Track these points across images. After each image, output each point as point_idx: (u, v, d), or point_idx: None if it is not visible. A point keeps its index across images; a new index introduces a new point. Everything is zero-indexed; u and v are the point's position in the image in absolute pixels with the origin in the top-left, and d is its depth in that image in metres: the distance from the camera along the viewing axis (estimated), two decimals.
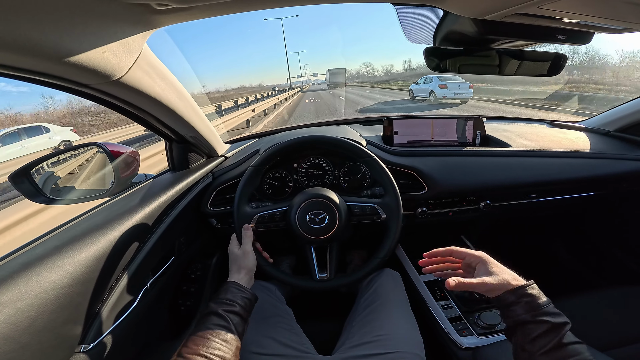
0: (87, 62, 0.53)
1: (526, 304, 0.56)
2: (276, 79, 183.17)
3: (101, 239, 0.66)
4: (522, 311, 0.56)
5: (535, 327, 0.53)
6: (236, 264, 0.83)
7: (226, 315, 0.67)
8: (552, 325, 0.52)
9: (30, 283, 0.51)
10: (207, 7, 0.58)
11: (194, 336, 0.61)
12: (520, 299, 0.57)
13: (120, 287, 0.72)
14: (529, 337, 0.53)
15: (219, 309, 0.68)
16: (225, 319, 0.66)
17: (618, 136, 1.37)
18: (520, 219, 1.66)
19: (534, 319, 0.54)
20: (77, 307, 0.60)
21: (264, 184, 1.14)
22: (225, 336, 0.63)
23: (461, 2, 0.63)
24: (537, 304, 0.55)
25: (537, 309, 0.55)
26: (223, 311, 0.67)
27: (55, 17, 0.45)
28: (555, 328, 0.52)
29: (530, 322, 0.54)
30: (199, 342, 0.59)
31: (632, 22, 0.65)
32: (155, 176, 1.06)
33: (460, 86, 13.31)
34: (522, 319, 0.55)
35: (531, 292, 0.57)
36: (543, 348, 0.51)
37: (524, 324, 0.55)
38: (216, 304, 0.69)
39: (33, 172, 0.82)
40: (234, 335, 0.64)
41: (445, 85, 13.40)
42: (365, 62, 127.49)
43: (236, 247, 0.87)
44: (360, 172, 1.16)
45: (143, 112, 0.82)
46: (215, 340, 0.61)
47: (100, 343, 0.64)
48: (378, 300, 0.93)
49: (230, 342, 0.62)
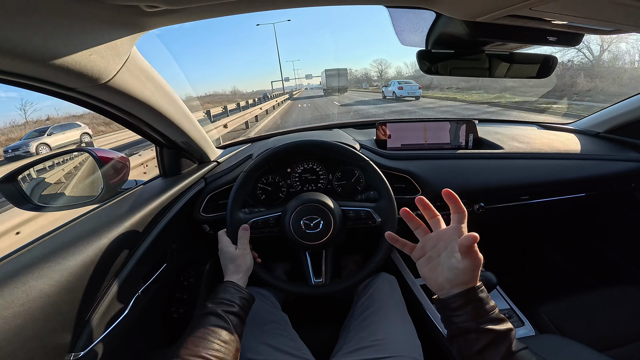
0: (73, 65, 0.51)
1: (473, 309, 0.51)
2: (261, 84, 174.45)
3: (90, 246, 0.65)
4: (466, 318, 0.51)
5: (478, 336, 0.49)
6: (233, 264, 0.81)
7: (225, 316, 0.65)
8: (497, 334, 0.48)
9: (16, 292, 0.50)
10: (198, 10, 0.57)
11: (193, 337, 0.59)
12: (468, 304, 0.51)
13: (111, 295, 0.70)
14: (473, 348, 0.49)
15: (218, 309, 0.66)
16: (225, 320, 0.64)
17: (607, 137, 1.39)
18: (514, 220, 1.67)
19: (477, 327, 0.49)
20: (66, 315, 0.58)
21: (257, 189, 1.13)
22: (225, 337, 0.61)
23: (453, 4, 0.63)
24: (484, 309, 0.50)
25: (483, 316, 0.50)
26: (222, 312, 0.66)
27: (39, 19, 0.44)
28: (500, 336, 0.48)
29: (473, 331, 0.49)
30: (199, 343, 0.58)
31: (621, 24, 0.65)
32: (145, 182, 1.04)
33: (412, 87, 20.83)
34: (466, 327, 0.50)
35: (480, 296, 0.51)
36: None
37: (466, 332, 0.50)
38: (214, 304, 0.68)
39: (19, 179, 0.80)
40: (234, 337, 0.63)
41: (401, 87, 21.08)
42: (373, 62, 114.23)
43: (232, 246, 0.85)
44: (355, 177, 1.16)
45: (132, 116, 0.80)
46: (215, 341, 0.59)
47: (90, 351, 0.63)
48: (374, 305, 0.92)
49: (230, 344, 0.61)
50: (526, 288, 1.23)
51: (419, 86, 20.71)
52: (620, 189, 1.33)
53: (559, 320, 0.99)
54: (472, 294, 0.51)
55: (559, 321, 0.99)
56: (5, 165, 11.11)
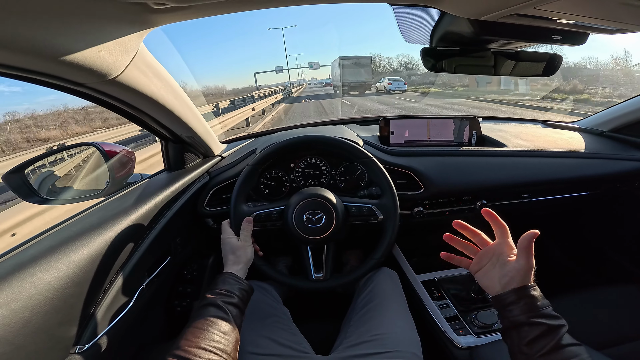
0: (82, 61, 0.52)
1: (525, 305, 0.55)
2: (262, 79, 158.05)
3: (96, 239, 0.65)
4: (519, 312, 0.55)
5: (530, 329, 0.53)
6: (234, 255, 0.81)
7: (225, 307, 0.65)
8: (548, 327, 0.52)
9: (24, 284, 0.50)
10: (205, 6, 0.58)
11: (192, 328, 0.59)
12: (520, 299, 0.56)
13: (116, 288, 0.71)
14: (525, 339, 0.53)
15: (217, 300, 0.66)
16: (225, 311, 0.65)
17: (612, 136, 1.38)
18: (515, 218, 1.66)
19: (529, 321, 0.53)
20: (72, 308, 0.59)
21: (260, 183, 1.14)
22: (225, 328, 0.62)
23: (458, 2, 0.64)
24: (536, 305, 0.55)
25: (534, 311, 0.54)
26: (222, 302, 0.66)
27: (50, 16, 0.44)
28: (551, 330, 0.52)
29: (526, 324, 0.54)
30: (199, 335, 0.58)
31: (627, 23, 0.65)
32: (150, 176, 1.05)
33: (399, 82, 25.47)
34: (518, 320, 0.55)
35: (532, 294, 0.56)
36: (541, 350, 0.51)
37: (519, 325, 0.55)
38: (214, 294, 0.68)
39: (27, 172, 0.81)
40: (233, 327, 0.63)
41: (390, 82, 25.18)
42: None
43: (234, 237, 0.85)
44: (357, 172, 1.16)
45: (139, 111, 0.81)
46: (215, 332, 0.60)
47: (95, 344, 0.64)
48: (375, 300, 0.93)
49: (230, 335, 0.61)
50: None
51: (404, 82, 26.48)
52: (623, 188, 1.33)
53: None
54: (525, 291, 0.56)
55: None
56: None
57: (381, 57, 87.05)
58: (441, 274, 1.19)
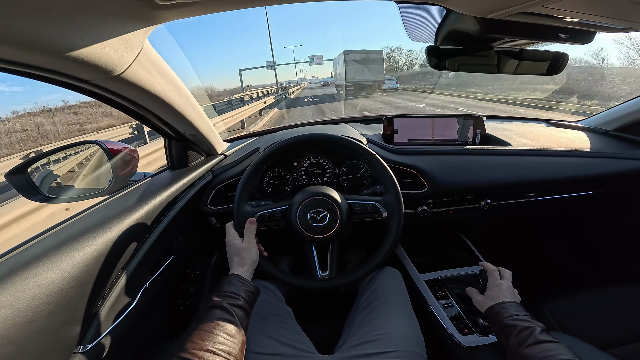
0: (87, 58, 0.52)
1: (503, 312, 0.74)
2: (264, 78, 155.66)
3: (99, 238, 0.65)
4: (500, 318, 0.73)
5: (509, 330, 0.69)
6: (239, 256, 0.81)
7: (231, 309, 0.65)
8: (522, 327, 0.67)
9: (28, 283, 0.50)
10: (210, 3, 0.57)
11: (199, 330, 0.59)
12: (501, 310, 0.74)
13: (119, 287, 0.71)
14: (508, 338, 0.68)
15: (223, 302, 0.66)
16: (231, 313, 0.64)
17: (616, 135, 1.38)
18: (519, 217, 1.66)
19: (506, 323, 0.71)
20: (76, 307, 0.59)
21: (263, 182, 1.14)
22: (231, 330, 0.61)
23: (465, 0, 0.63)
24: (510, 313, 0.72)
25: (510, 316, 0.71)
26: (228, 305, 0.66)
27: (55, 12, 0.44)
28: (525, 329, 0.66)
29: (506, 327, 0.70)
30: (205, 337, 0.58)
31: (634, 21, 0.65)
32: (153, 174, 1.05)
33: (391, 81, 29.10)
34: (502, 323, 0.71)
35: (507, 306, 0.75)
36: (523, 344, 0.64)
37: (502, 328, 0.71)
38: (220, 297, 0.67)
39: (31, 170, 0.81)
40: (239, 330, 0.63)
41: (384, 82, 27.32)
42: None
43: (238, 239, 0.85)
44: (361, 171, 1.16)
45: (142, 109, 0.81)
46: (221, 334, 0.59)
47: (99, 344, 0.63)
48: (379, 299, 0.93)
49: (236, 337, 0.61)
50: (530, 285, 1.23)
51: (396, 81, 30.56)
52: (628, 188, 1.32)
53: (562, 318, 0.99)
54: (500, 305, 0.76)
55: (562, 319, 0.99)
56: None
57: (401, 50, 78.37)
58: (445, 274, 1.19)
